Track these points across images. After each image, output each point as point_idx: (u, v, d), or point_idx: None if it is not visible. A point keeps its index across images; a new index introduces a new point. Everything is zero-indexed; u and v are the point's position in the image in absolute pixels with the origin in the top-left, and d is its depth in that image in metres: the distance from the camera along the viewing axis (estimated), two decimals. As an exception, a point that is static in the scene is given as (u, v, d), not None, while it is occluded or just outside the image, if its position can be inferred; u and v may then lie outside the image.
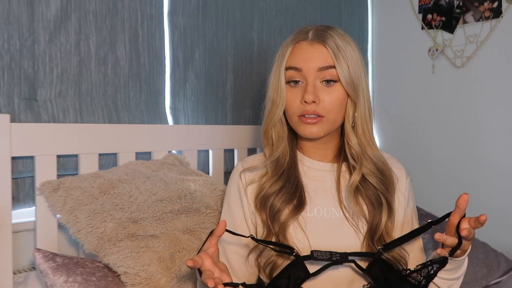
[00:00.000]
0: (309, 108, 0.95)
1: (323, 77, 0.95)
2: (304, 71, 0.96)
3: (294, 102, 0.97)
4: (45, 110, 1.22)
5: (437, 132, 2.04)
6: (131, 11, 1.39)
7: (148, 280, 1.01)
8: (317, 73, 0.95)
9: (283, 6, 1.84)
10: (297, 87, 0.98)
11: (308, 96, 0.94)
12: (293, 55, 0.98)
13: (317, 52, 0.96)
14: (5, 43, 1.14)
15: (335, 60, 0.95)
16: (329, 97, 0.95)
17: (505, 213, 1.81)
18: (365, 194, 0.99)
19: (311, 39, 0.98)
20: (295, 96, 0.97)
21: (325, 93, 0.96)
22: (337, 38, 0.97)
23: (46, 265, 0.98)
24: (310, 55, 0.96)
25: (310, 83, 0.95)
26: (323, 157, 1.04)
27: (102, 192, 1.14)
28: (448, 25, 1.97)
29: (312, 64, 0.95)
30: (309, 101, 0.94)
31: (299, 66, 0.96)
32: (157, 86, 1.47)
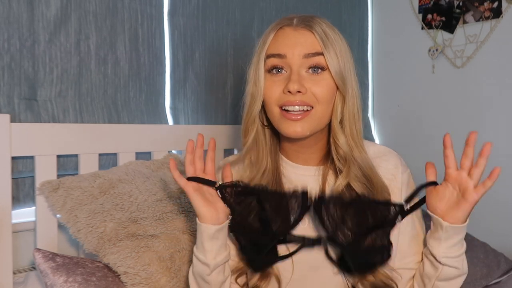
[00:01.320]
0: (293, 99, 0.83)
1: (310, 65, 0.85)
2: (288, 57, 0.84)
3: (275, 91, 0.85)
4: (45, 110, 1.22)
5: (437, 132, 2.03)
6: (131, 11, 1.39)
7: (148, 280, 1.01)
8: (302, 60, 0.84)
9: (283, 6, 1.84)
10: (280, 75, 0.86)
11: (292, 85, 0.82)
12: (276, 41, 0.87)
13: (303, 37, 0.85)
14: (5, 43, 1.14)
15: (323, 46, 0.84)
16: (317, 87, 0.84)
17: (505, 213, 1.81)
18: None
19: (296, 25, 0.87)
20: (276, 85, 0.86)
21: (312, 82, 0.84)
22: (325, 25, 0.87)
23: (46, 265, 0.98)
24: (295, 40, 0.85)
25: (295, 71, 0.84)
26: (307, 160, 0.94)
27: (102, 192, 1.14)
28: (448, 25, 1.97)
29: (297, 50, 0.84)
30: (294, 91, 0.82)
31: (282, 52, 0.85)
32: (157, 86, 1.47)
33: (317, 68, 0.85)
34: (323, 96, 0.84)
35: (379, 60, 2.25)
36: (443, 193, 0.84)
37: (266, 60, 0.87)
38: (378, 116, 2.25)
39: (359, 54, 2.21)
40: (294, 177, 0.94)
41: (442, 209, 0.84)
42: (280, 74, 0.86)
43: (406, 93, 2.14)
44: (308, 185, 0.90)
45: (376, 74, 2.26)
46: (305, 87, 0.83)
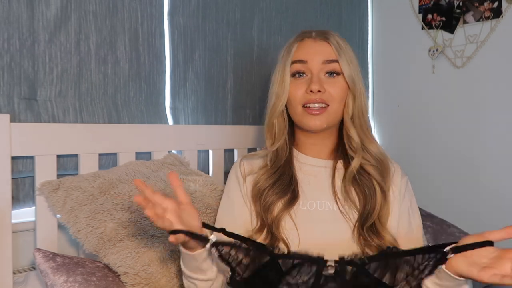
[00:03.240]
0: (314, 97, 1.00)
1: (327, 70, 1.02)
2: (310, 63, 1.02)
3: (298, 91, 1.02)
4: (45, 110, 1.21)
5: (437, 132, 2.04)
6: (131, 11, 1.38)
7: (148, 280, 1.01)
8: (321, 65, 1.02)
9: (283, 6, 1.84)
10: (302, 79, 1.04)
11: (314, 85, 1.00)
12: (299, 50, 1.05)
13: (321, 47, 1.04)
14: (5, 43, 1.14)
15: (338, 55, 1.02)
16: (334, 87, 1.02)
17: (505, 213, 1.81)
18: (359, 184, 1.02)
19: (315, 37, 1.06)
20: (299, 87, 1.03)
21: (329, 84, 1.02)
22: (338, 38, 1.06)
23: (46, 265, 0.98)
24: (315, 49, 1.04)
25: (315, 74, 1.02)
26: (319, 153, 1.08)
27: (102, 192, 1.14)
28: (448, 25, 1.97)
29: (317, 57, 1.02)
30: (315, 90, 1.00)
31: (305, 58, 1.03)
32: (157, 86, 1.47)
33: (333, 73, 1.03)
34: (338, 95, 1.02)
35: (379, 60, 2.25)
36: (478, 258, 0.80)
37: (291, 66, 1.04)
38: (378, 116, 2.25)
39: (359, 54, 2.20)
40: (305, 167, 1.07)
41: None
42: (302, 78, 1.04)
43: (406, 93, 2.14)
44: (318, 174, 1.05)
45: (376, 74, 2.26)
46: (324, 87, 1.01)
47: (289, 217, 1.00)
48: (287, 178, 1.04)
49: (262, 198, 1.02)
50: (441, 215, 1.66)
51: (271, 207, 1.01)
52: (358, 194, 1.02)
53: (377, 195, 1.01)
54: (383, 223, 0.99)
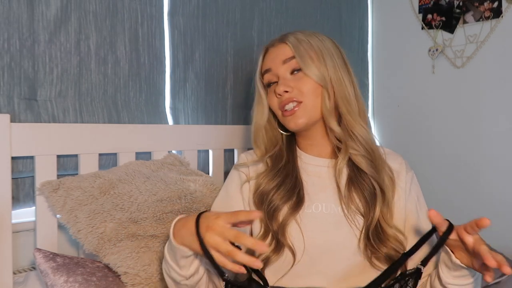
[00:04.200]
0: (284, 98, 1.00)
1: (288, 68, 1.02)
2: (273, 69, 1.04)
3: (273, 100, 1.04)
4: (45, 110, 1.21)
5: (437, 132, 2.04)
6: (131, 11, 1.38)
7: (148, 280, 1.01)
8: (283, 66, 1.02)
9: (283, 6, 1.84)
10: (273, 86, 1.04)
11: (278, 88, 1.01)
12: (264, 60, 1.08)
13: (279, 49, 1.05)
14: (5, 43, 1.14)
15: (294, 51, 1.01)
16: (299, 83, 1.00)
17: (505, 213, 1.81)
18: (358, 187, 0.99)
19: (275, 43, 1.07)
20: (273, 94, 1.04)
21: (295, 81, 1.01)
22: (300, 34, 1.05)
23: (46, 265, 0.98)
24: (275, 53, 1.05)
25: (281, 77, 1.02)
26: (320, 153, 1.07)
27: (102, 192, 1.14)
28: (448, 25, 1.97)
29: (277, 60, 1.04)
30: (281, 92, 1.00)
31: (269, 66, 1.05)
32: (157, 86, 1.47)
33: (294, 70, 1.02)
34: (307, 90, 1.00)
35: (379, 60, 2.25)
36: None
37: (262, 78, 1.07)
38: (378, 116, 2.25)
39: (359, 54, 2.20)
40: (309, 168, 1.06)
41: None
42: (274, 85, 1.04)
43: (406, 93, 2.14)
44: (322, 175, 1.03)
45: (376, 74, 2.26)
46: (291, 86, 1.00)
47: (295, 222, 0.97)
48: (292, 181, 1.01)
49: (266, 203, 0.98)
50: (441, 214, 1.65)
51: (276, 213, 0.97)
52: (360, 199, 0.99)
53: (378, 199, 0.98)
54: (388, 221, 0.98)
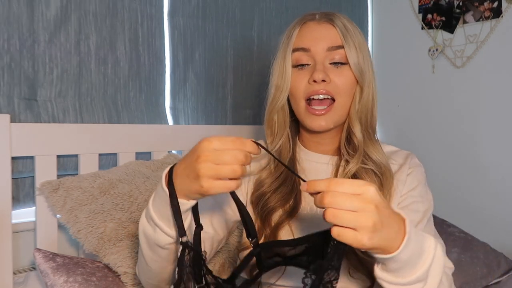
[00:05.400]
0: (318, 87, 0.88)
1: (332, 59, 0.90)
2: (313, 51, 0.90)
3: (301, 83, 0.90)
4: (45, 110, 1.22)
5: (437, 132, 2.04)
6: (131, 11, 1.39)
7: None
8: (326, 53, 0.90)
9: (283, 6, 1.84)
10: (304, 69, 0.91)
11: (318, 74, 0.87)
12: (301, 35, 0.92)
13: (325, 30, 0.91)
14: (5, 43, 1.14)
15: (343, 40, 0.89)
16: (340, 78, 0.89)
17: (505, 213, 1.81)
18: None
19: (319, 19, 0.93)
20: (302, 78, 0.90)
21: (335, 73, 0.89)
22: (344, 19, 0.93)
23: (46, 265, 0.98)
24: (319, 33, 0.91)
25: (319, 62, 0.89)
26: (323, 150, 0.98)
27: (102, 192, 1.14)
28: (448, 25, 1.97)
29: (321, 43, 0.90)
30: (319, 80, 0.87)
31: (307, 46, 0.90)
32: (157, 86, 1.47)
33: (339, 63, 0.90)
34: (345, 87, 0.90)
35: (379, 60, 2.25)
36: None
37: (292, 55, 0.92)
38: (378, 116, 2.25)
39: (359, 54, 2.20)
40: (307, 164, 0.97)
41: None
42: (304, 68, 0.91)
43: (406, 93, 2.14)
44: (320, 172, 0.94)
45: (376, 74, 2.25)
46: (329, 76, 0.89)
47: (288, 227, 0.89)
48: (290, 183, 0.93)
49: (261, 204, 0.91)
50: (441, 214, 1.66)
51: (269, 216, 0.90)
52: None
53: None
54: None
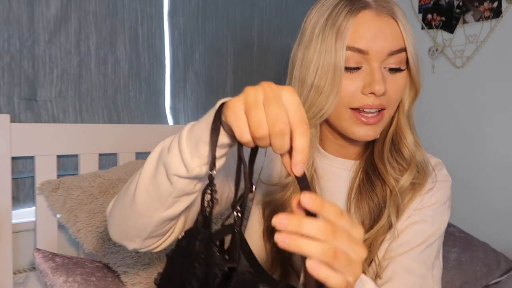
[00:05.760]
0: (374, 102, 0.70)
1: (391, 65, 0.72)
2: (371, 55, 0.70)
3: (350, 90, 0.70)
4: (45, 110, 1.22)
5: (437, 132, 2.04)
6: (131, 11, 1.39)
7: (148, 279, 1.01)
8: (386, 57, 0.70)
9: (283, 6, 1.84)
10: (355, 73, 0.71)
11: (379, 86, 0.68)
12: (356, 30, 0.69)
13: (387, 27, 0.70)
14: (5, 43, 1.14)
15: (406, 40, 0.71)
16: (396, 87, 0.72)
17: (505, 213, 1.81)
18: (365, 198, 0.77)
19: (377, 8, 0.71)
20: (352, 83, 0.71)
21: (390, 83, 0.72)
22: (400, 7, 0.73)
23: (45, 265, 0.98)
24: (380, 31, 0.70)
25: (378, 69, 0.70)
26: (345, 154, 0.81)
27: (102, 192, 1.14)
28: (448, 25, 1.97)
29: (383, 45, 0.70)
30: (379, 94, 0.69)
31: (365, 47, 0.69)
32: (157, 86, 1.47)
33: (399, 69, 0.73)
34: (398, 97, 0.74)
35: (379, 60, 2.25)
36: None
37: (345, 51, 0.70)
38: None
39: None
40: (327, 169, 0.81)
41: None
42: (355, 72, 0.71)
43: (406, 93, 2.14)
44: (339, 179, 0.80)
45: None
46: (386, 88, 0.70)
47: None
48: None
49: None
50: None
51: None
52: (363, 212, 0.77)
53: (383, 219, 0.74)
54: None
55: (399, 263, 0.73)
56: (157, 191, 0.60)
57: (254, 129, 0.46)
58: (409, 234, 0.75)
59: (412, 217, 0.77)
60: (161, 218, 0.62)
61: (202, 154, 0.56)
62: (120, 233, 0.69)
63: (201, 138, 0.56)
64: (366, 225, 0.75)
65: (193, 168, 0.56)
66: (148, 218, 0.63)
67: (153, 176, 0.60)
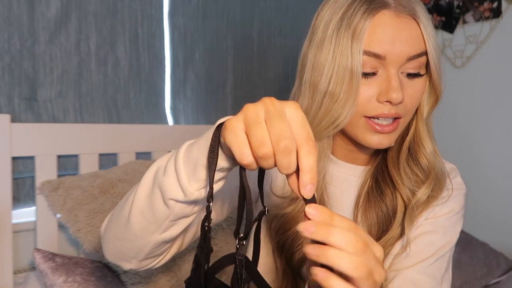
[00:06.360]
0: (390, 110, 0.66)
1: (409, 70, 0.67)
2: (389, 60, 0.65)
3: (365, 97, 0.66)
4: (45, 110, 1.22)
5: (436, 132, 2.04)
6: (131, 11, 1.39)
7: (148, 279, 1.02)
8: (404, 62, 0.65)
9: (283, 6, 1.84)
10: (370, 79, 0.66)
11: (396, 94, 0.64)
12: (373, 32, 0.64)
13: (407, 29, 0.65)
14: (5, 43, 1.15)
15: (428, 43, 0.65)
16: (413, 94, 0.67)
17: (505, 213, 1.81)
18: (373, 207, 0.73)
19: (396, 8, 0.65)
20: (367, 89, 0.66)
21: (408, 88, 0.67)
22: (423, 9, 0.67)
23: (45, 265, 0.98)
24: (399, 34, 0.64)
25: (394, 75, 0.65)
26: (355, 159, 0.77)
27: (102, 192, 1.14)
28: (448, 25, 1.97)
29: (403, 50, 0.64)
30: (397, 102, 0.64)
31: (383, 52, 0.64)
32: (157, 86, 1.47)
33: (418, 74, 0.67)
34: (415, 105, 0.69)
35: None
36: None
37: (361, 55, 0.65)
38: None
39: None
40: (335, 174, 0.77)
41: None
42: (371, 77, 0.66)
43: (406, 93, 2.14)
44: (347, 186, 0.76)
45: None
46: (403, 95, 0.65)
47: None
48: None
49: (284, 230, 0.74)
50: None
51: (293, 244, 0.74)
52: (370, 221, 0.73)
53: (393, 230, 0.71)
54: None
55: (406, 277, 0.69)
56: (152, 214, 0.57)
57: (257, 148, 0.43)
58: (419, 245, 0.70)
59: (422, 227, 0.72)
60: (157, 241, 0.60)
61: (200, 178, 0.53)
62: (115, 254, 0.66)
63: (199, 161, 0.52)
64: (374, 235, 0.72)
65: (191, 192, 0.54)
66: (144, 241, 0.60)
67: (149, 198, 0.58)
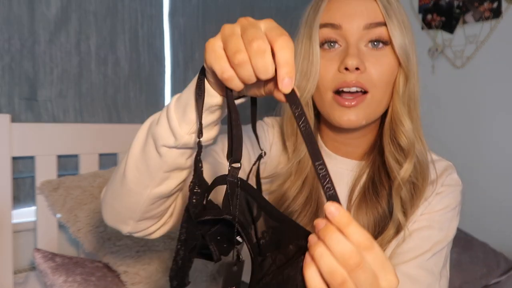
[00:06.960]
0: (350, 78, 0.68)
1: (370, 38, 0.69)
2: (345, 29, 0.69)
3: (328, 71, 0.70)
4: (45, 110, 1.22)
5: (436, 132, 2.04)
6: (131, 11, 1.39)
7: (148, 279, 1.02)
8: (362, 32, 0.69)
9: (283, 6, 1.84)
10: (332, 51, 0.70)
11: (351, 60, 0.67)
12: (330, 9, 0.71)
13: (363, 4, 0.70)
14: (5, 43, 1.15)
15: (386, 15, 0.69)
16: (377, 65, 0.69)
17: (505, 213, 1.81)
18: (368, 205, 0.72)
19: None
20: (330, 63, 0.70)
21: (371, 59, 0.69)
22: None
23: (45, 265, 0.98)
24: (354, 8, 0.70)
25: (353, 44, 0.69)
26: (348, 153, 0.78)
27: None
28: (448, 25, 1.97)
29: (357, 19, 0.69)
30: (352, 68, 0.67)
31: (338, 22, 0.69)
32: (157, 86, 1.47)
33: (379, 42, 0.70)
34: (382, 77, 0.69)
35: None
36: None
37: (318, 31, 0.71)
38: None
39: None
40: (330, 168, 0.74)
41: None
42: (333, 50, 0.70)
43: (406, 93, 2.14)
44: (341, 180, 0.76)
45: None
46: (364, 64, 0.68)
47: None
48: (314, 205, 0.73)
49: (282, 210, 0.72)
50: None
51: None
52: (365, 219, 0.72)
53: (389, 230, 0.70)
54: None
55: (403, 271, 0.68)
56: (146, 165, 0.58)
57: (232, 56, 0.42)
58: (415, 240, 0.70)
59: (418, 222, 0.72)
60: (152, 196, 0.60)
61: (190, 119, 0.53)
62: (113, 215, 0.67)
63: (188, 102, 0.53)
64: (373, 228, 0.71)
65: (181, 135, 0.54)
66: (139, 196, 0.60)
67: (143, 150, 0.59)
